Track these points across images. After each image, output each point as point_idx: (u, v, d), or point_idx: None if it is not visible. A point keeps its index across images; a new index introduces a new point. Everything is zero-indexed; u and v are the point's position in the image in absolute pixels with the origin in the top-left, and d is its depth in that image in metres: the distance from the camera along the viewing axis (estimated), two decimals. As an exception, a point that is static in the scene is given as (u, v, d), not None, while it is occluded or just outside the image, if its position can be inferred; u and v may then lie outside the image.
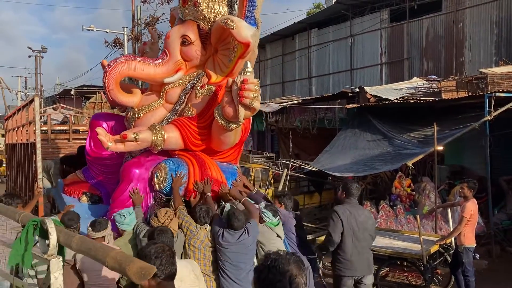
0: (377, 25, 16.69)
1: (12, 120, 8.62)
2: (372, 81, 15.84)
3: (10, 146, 9.45)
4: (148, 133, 4.58)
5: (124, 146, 4.52)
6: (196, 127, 4.74)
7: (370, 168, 9.47)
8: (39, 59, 35.88)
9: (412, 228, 8.40)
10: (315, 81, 19.78)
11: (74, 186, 5.77)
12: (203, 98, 4.88)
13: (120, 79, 4.95)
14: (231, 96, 4.14)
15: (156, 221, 4.18)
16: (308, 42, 19.88)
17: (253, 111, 4.22)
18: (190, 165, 4.73)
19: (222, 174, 4.86)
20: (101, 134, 4.44)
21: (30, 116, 6.25)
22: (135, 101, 5.16)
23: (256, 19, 4.75)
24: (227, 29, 4.50)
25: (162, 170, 4.64)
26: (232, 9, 4.87)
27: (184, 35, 4.92)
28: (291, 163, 9.85)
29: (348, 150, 10.56)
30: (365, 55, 17.42)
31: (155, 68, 4.92)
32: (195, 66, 5.14)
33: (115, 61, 4.85)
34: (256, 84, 4.07)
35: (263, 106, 15.01)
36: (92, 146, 5.53)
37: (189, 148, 4.86)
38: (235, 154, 5.26)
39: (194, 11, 4.87)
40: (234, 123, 4.29)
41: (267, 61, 22.61)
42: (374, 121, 10.83)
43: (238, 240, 4.18)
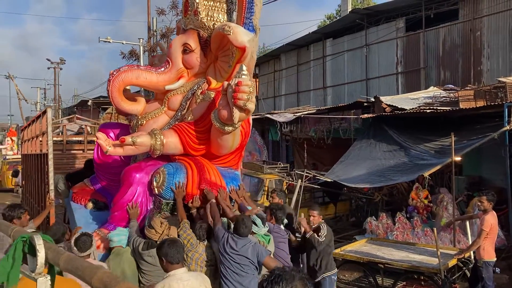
0: (393, 34, 16.53)
1: (27, 130, 8.72)
2: (388, 91, 15.65)
3: (25, 156, 9.56)
4: (146, 137, 4.67)
5: (123, 150, 4.61)
6: (195, 131, 4.82)
7: (386, 179, 9.31)
8: (58, 71, 36.49)
9: (430, 241, 8.20)
10: (330, 91, 19.65)
11: (82, 194, 5.94)
12: (203, 103, 5.00)
13: (123, 87, 5.11)
14: (227, 99, 4.18)
15: (154, 233, 4.16)
16: (323, 52, 19.80)
17: (248, 113, 4.25)
18: (189, 169, 4.78)
19: (222, 178, 4.92)
20: (100, 138, 4.54)
21: (43, 127, 6.29)
22: (138, 109, 5.33)
23: (255, 25, 4.86)
24: (225, 36, 4.60)
25: (161, 174, 4.72)
26: (231, 17, 5.06)
27: (185, 44, 5.10)
28: (305, 173, 9.73)
29: (363, 160, 10.40)
30: (380, 65, 17.25)
31: (158, 76, 5.10)
32: (196, 73, 5.29)
33: (118, 70, 5.01)
34: (251, 86, 4.08)
35: (277, 116, 14.95)
36: (99, 154, 5.67)
37: (188, 153, 4.93)
38: (236, 159, 5.33)
39: (194, 20, 5.05)
40: (230, 125, 4.35)
41: (282, 71, 22.58)
42: (389, 131, 10.67)
43: (241, 249, 4.17)
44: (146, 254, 4.20)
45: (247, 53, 4.62)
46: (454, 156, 7.86)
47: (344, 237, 9.66)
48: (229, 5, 5.10)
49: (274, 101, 23.04)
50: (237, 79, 4.07)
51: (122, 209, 4.78)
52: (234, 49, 4.75)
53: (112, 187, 5.52)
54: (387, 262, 6.50)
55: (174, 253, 3.47)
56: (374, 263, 6.63)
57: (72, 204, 5.89)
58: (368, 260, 6.68)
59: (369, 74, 17.60)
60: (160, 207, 4.78)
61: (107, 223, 4.99)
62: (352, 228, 10.79)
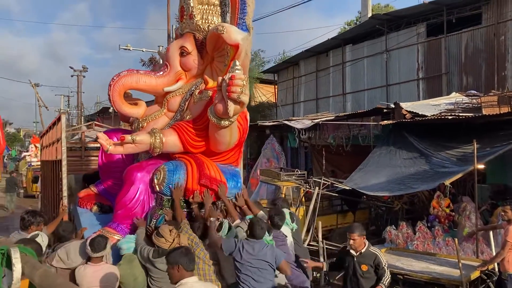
0: (414, 40, 16.27)
1: (46, 137, 8.81)
2: (409, 97, 15.37)
3: (43, 162, 9.65)
4: (146, 135, 4.82)
5: (123, 148, 4.76)
6: (194, 129, 4.97)
7: (406, 187, 9.10)
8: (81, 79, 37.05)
9: (451, 251, 7.95)
10: (350, 97, 19.43)
11: (87, 198, 6.14)
12: (201, 102, 5.17)
13: (123, 91, 5.35)
14: (222, 94, 4.30)
15: (164, 241, 4.13)
16: (342, 58, 19.62)
17: (242, 105, 4.34)
18: (189, 165, 4.92)
19: (222, 174, 5.03)
20: (101, 138, 4.70)
21: (58, 133, 6.34)
22: (139, 112, 5.55)
23: (248, 25, 5.02)
24: (220, 36, 4.76)
25: (162, 171, 4.87)
26: (224, 18, 5.30)
27: (182, 47, 5.35)
28: (322, 181, 9.58)
29: (383, 168, 10.20)
30: (401, 71, 16.98)
31: (157, 79, 5.34)
32: (194, 75, 5.51)
33: (119, 75, 5.24)
34: (244, 79, 4.18)
35: (296, 123, 14.83)
36: (103, 157, 5.98)
37: (188, 151, 5.06)
38: (236, 156, 5.47)
39: (190, 23, 5.31)
40: (226, 119, 4.45)
41: (300, 77, 22.46)
42: (410, 138, 10.45)
43: (259, 253, 4.18)
44: (159, 261, 4.18)
45: (241, 50, 4.73)
46: (476, 164, 7.63)
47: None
48: (222, 7, 5.35)
49: (292, 108, 22.92)
50: (230, 74, 4.18)
51: (125, 207, 4.92)
52: (229, 48, 4.94)
53: (115, 189, 5.61)
54: (406, 273, 6.32)
55: (188, 262, 3.46)
56: (392, 274, 6.43)
57: (79, 209, 6.07)
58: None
59: (389, 80, 17.35)
60: (162, 203, 4.91)
61: (111, 222, 5.10)
62: (371, 237, 10.52)
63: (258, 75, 26.15)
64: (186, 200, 4.98)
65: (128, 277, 4.26)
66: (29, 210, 5.31)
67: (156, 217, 4.82)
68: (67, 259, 4.26)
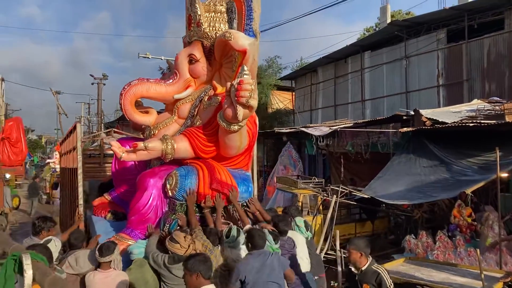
0: (434, 46, 16.04)
1: (63, 144, 8.92)
2: (429, 104, 15.12)
3: (62, 169, 9.77)
4: (157, 142, 4.89)
5: (136, 155, 4.84)
6: (204, 134, 5.05)
7: (426, 196, 8.93)
8: (101, 86, 37.59)
9: (473, 262, 7.72)
10: (369, 104, 19.24)
11: (101, 207, 6.26)
12: (210, 108, 5.26)
13: (134, 100, 5.44)
14: (231, 99, 4.34)
15: (179, 247, 4.11)
16: (361, 64, 19.46)
17: (251, 109, 4.38)
18: (200, 170, 4.99)
19: (232, 178, 5.09)
20: (114, 146, 4.80)
21: (74, 142, 6.39)
22: (150, 120, 5.64)
23: (255, 30, 5.11)
24: (228, 42, 4.85)
25: (174, 176, 4.94)
26: (231, 25, 5.37)
27: (190, 54, 5.46)
28: (340, 189, 9.45)
29: (402, 176, 10.04)
30: (421, 77, 16.74)
31: (167, 87, 5.46)
32: (203, 82, 5.62)
33: (129, 84, 5.33)
34: (252, 84, 4.23)
35: (313, 130, 14.72)
36: (117, 166, 6.11)
37: (199, 156, 5.14)
38: (246, 161, 5.53)
39: (198, 31, 5.41)
40: (235, 124, 4.50)
41: (318, 84, 22.34)
42: (430, 145, 10.27)
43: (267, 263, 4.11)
44: (176, 267, 4.16)
45: (248, 56, 4.79)
46: (499, 172, 7.44)
47: (381, 256, 9.28)
48: (229, 14, 5.44)
49: (310, 115, 22.80)
50: (239, 79, 4.23)
51: (139, 212, 4.98)
52: (236, 54, 5.02)
53: (129, 196, 5.69)
54: (426, 283, 6.14)
55: (206, 269, 3.47)
56: (412, 284, 6.27)
57: (93, 217, 6.18)
58: (406, 281, 6.31)
59: (409, 87, 17.12)
60: (174, 208, 4.96)
61: (125, 228, 5.18)
62: (390, 246, 10.38)
63: (276, 82, 26.14)
64: (198, 204, 5.03)
65: (139, 281, 4.26)
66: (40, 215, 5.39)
67: (169, 222, 4.88)
68: (76, 265, 4.30)
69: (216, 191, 4.95)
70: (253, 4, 5.12)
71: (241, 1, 5.25)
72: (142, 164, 5.90)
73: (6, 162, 20.55)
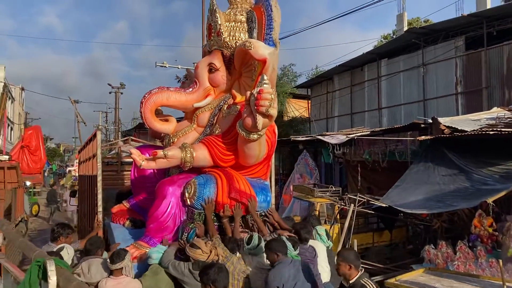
0: (452, 53, 15.88)
1: (83, 152, 9.00)
2: (447, 112, 14.95)
3: (81, 177, 9.85)
4: (177, 150, 4.92)
5: (155, 163, 4.86)
6: (223, 143, 5.06)
7: (445, 205, 8.77)
8: (118, 95, 38.02)
9: (495, 273, 7.54)
10: (386, 112, 19.10)
11: (120, 214, 6.30)
12: (229, 117, 5.27)
13: (155, 108, 5.47)
14: (250, 108, 4.37)
15: (201, 252, 4.10)
16: (377, 72, 19.36)
17: (271, 119, 4.40)
18: (218, 179, 4.98)
19: (251, 187, 5.06)
20: (134, 153, 4.85)
21: (94, 149, 6.45)
22: (170, 128, 5.67)
23: (274, 40, 5.14)
24: (247, 52, 4.86)
25: (192, 185, 4.94)
26: (251, 34, 5.37)
27: (210, 63, 5.50)
28: (358, 198, 9.35)
29: (420, 185, 9.89)
30: (439, 85, 16.57)
31: (187, 96, 5.49)
32: (223, 91, 5.66)
33: (150, 93, 5.35)
34: (272, 93, 4.24)
35: (330, 138, 14.64)
36: (136, 172, 6.15)
37: (218, 164, 5.14)
38: (264, 170, 5.51)
39: (218, 40, 5.46)
40: (254, 133, 4.51)
41: (334, 92, 22.27)
42: (449, 154, 10.11)
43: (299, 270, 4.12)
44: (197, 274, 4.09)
45: (268, 65, 4.81)
46: (521, 182, 7.28)
47: (400, 266, 9.14)
48: (249, 23, 5.43)
49: (326, 123, 22.71)
50: (259, 88, 4.25)
51: (157, 220, 4.98)
52: (256, 63, 5.02)
53: (147, 203, 5.70)
54: (447, 295, 6.03)
55: (222, 279, 3.48)
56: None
57: (112, 224, 6.22)
58: (426, 293, 6.23)
59: (427, 94, 16.95)
60: (193, 217, 4.96)
61: (143, 236, 5.18)
62: (409, 256, 10.21)
63: (291, 90, 26.13)
64: (216, 213, 5.02)
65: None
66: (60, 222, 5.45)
67: (187, 231, 4.82)
68: (87, 272, 4.29)
69: (234, 200, 4.93)
70: (273, 14, 5.13)
71: (261, 11, 5.28)
72: (161, 172, 5.91)
73: (25, 170, 20.86)
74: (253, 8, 5.56)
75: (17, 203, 11.89)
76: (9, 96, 36.33)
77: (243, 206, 4.99)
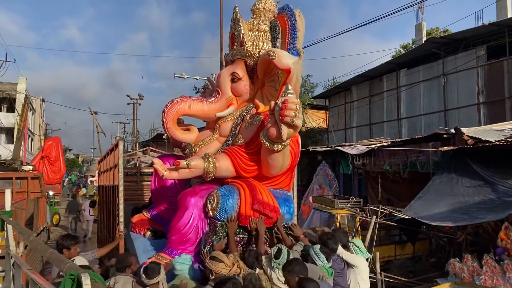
0: (473, 63, 15.65)
1: (103, 162, 9.04)
2: (469, 122, 14.70)
3: (101, 187, 9.89)
4: (200, 160, 4.82)
5: (178, 173, 4.78)
6: (246, 153, 4.97)
7: (470, 217, 8.54)
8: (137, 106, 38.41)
9: (525, 288, 7.31)
10: (405, 123, 18.87)
11: (140, 224, 6.28)
12: (252, 127, 5.23)
13: (177, 117, 5.45)
14: (274, 118, 4.28)
15: (224, 266, 3.99)
16: (397, 82, 19.18)
17: (296, 129, 4.30)
18: (241, 190, 4.88)
19: (274, 199, 4.94)
20: (156, 163, 4.80)
21: (115, 159, 6.45)
22: (192, 137, 5.65)
23: (298, 49, 5.05)
24: (271, 61, 4.83)
25: (215, 196, 4.85)
26: (275, 44, 5.29)
27: (233, 73, 5.47)
28: (380, 209, 9.19)
29: (443, 196, 9.68)
30: (460, 95, 16.32)
31: (209, 105, 5.46)
32: (245, 100, 5.62)
33: (172, 102, 5.34)
34: (297, 103, 4.16)
35: (349, 149, 14.50)
36: (156, 182, 6.09)
37: (240, 175, 5.05)
38: (287, 180, 5.39)
39: (241, 50, 5.43)
40: (279, 143, 4.42)
41: (353, 102, 22.12)
42: (473, 165, 9.89)
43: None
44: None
45: (292, 75, 4.77)
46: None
47: (424, 280, 8.93)
48: (273, 33, 5.36)
49: (345, 133, 22.55)
50: (283, 98, 4.17)
51: (179, 232, 4.92)
52: (280, 72, 4.97)
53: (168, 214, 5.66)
54: (476, 311, 5.84)
55: None
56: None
57: (132, 234, 6.17)
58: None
59: (448, 104, 16.71)
60: (215, 229, 4.85)
61: (165, 248, 5.10)
62: (433, 270, 9.97)
63: (309, 101, 26.06)
64: (240, 226, 4.90)
65: None
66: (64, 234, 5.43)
67: (210, 243, 4.75)
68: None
69: (258, 212, 4.82)
70: (297, 23, 5.08)
71: (285, 20, 5.22)
72: (182, 182, 5.84)
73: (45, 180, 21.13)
74: (276, 17, 5.50)
75: (40, 213, 12.02)
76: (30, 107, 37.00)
77: (266, 219, 4.86)
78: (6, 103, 35.57)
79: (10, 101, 34.70)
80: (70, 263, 1.93)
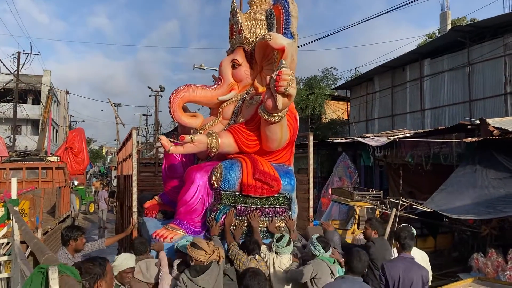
0: (500, 51, 15.12)
1: (120, 153, 9.07)
2: (495, 113, 14.23)
3: (119, 177, 9.94)
4: (203, 136, 5.17)
5: (183, 148, 5.06)
6: (247, 129, 5.31)
7: (495, 211, 8.27)
8: (158, 98, 38.70)
9: (552, 284, 7.02)
10: (429, 114, 18.42)
11: (152, 208, 6.69)
12: (252, 106, 5.52)
13: (182, 104, 5.81)
14: (271, 91, 4.52)
15: (203, 254, 3.90)
16: (420, 72, 18.71)
17: (290, 98, 4.52)
18: (243, 162, 5.18)
19: (275, 170, 5.21)
20: (162, 139, 5.06)
21: (129, 149, 6.45)
22: (197, 122, 6.00)
23: (292, 32, 5.34)
24: (268, 45, 5.14)
25: (219, 168, 5.15)
26: (271, 30, 5.63)
27: (233, 60, 5.89)
28: (400, 202, 8.97)
29: (467, 189, 9.40)
30: (485, 85, 15.80)
31: (212, 91, 5.86)
32: (246, 85, 6.00)
33: (177, 89, 5.76)
34: (290, 74, 4.38)
35: (370, 140, 14.23)
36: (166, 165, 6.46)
37: (242, 150, 5.37)
38: (288, 155, 5.68)
39: (239, 38, 5.87)
40: (275, 115, 4.66)
41: (375, 93, 21.71)
42: (499, 157, 9.58)
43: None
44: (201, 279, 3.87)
45: (287, 54, 4.98)
46: None
47: (446, 274, 8.70)
48: (268, 20, 5.76)
49: (366, 125, 22.18)
50: (277, 70, 4.40)
51: (186, 203, 5.25)
52: (276, 53, 5.21)
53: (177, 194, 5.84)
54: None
55: (255, 285, 3.42)
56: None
57: (145, 218, 6.57)
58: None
59: (473, 95, 16.21)
60: (220, 198, 5.13)
61: (174, 219, 5.49)
62: (455, 264, 9.71)
63: (330, 92, 25.73)
64: (243, 195, 5.13)
65: None
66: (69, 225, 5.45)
67: (215, 211, 5.09)
68: (146, 272, 4.40)
69: (259, 182, 5.05)
70: (290, 9, 5.39)
71: (279, 9, 5.56)
72: (189, 162, 6.21)
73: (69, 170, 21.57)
74: (271, 7, 5.83)
75: (62, 201, 12.26)
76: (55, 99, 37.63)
77: (267, 187, 5.08)
78: (32, 95, 36.24)
79: (36, 93, 35.35)
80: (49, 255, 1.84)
